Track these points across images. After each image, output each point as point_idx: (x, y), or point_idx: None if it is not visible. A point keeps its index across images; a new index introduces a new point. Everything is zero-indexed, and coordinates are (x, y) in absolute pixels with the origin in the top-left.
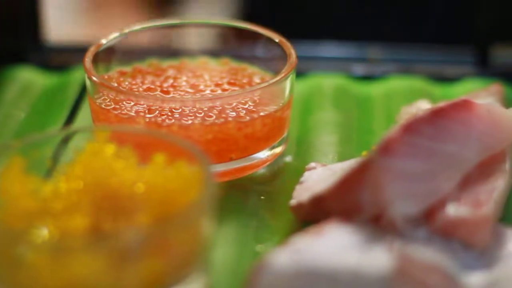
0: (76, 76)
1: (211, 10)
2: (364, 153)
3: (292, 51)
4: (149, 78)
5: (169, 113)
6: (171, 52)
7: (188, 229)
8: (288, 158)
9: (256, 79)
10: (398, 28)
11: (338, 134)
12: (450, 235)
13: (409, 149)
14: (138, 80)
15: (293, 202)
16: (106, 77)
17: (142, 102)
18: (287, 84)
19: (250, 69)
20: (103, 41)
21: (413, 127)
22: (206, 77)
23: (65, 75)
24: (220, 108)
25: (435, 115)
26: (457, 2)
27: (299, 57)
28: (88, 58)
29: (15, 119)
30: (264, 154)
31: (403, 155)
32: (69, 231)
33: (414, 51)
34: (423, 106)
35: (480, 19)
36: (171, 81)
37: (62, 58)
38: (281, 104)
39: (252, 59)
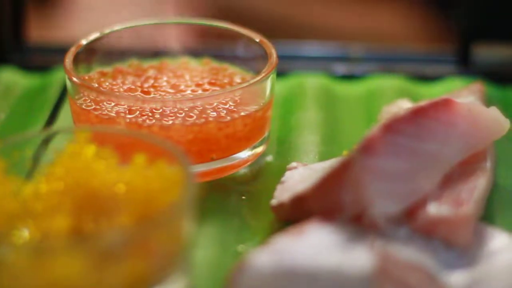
0: (57, 76)
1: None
2: (345, 152)
3: (272, 51)
4: (130, 79)
5: (150, 114)
6: (152, 52)
7: (169, 229)
8: (269, 158)
9: (237, 79)
10: (379, 27)
11: (319, 133)
12: (431, 234)
13: (390, 148)
14: (119, 81)
15: (274, 202)
16: (86, 77)
17: (122, 103)
18: (268, 84)
19: (231, 69)
20: (83, 41)
21: (394, 126)
22: (187, 77)
23: (46, 76)
24: (201, 108)
25: (416, 114)
26: (438, 1)
27: (280, 57)
28: (68, 59)
29: None
30: (245, 154)
31: (384, 154)
32: (50, 232)
33: (396, 50)
34: (404, 105)
35: (461, 18)
36: (151, 81)
37: (43, 59)
38: (262, 104)
39: (233, 59)
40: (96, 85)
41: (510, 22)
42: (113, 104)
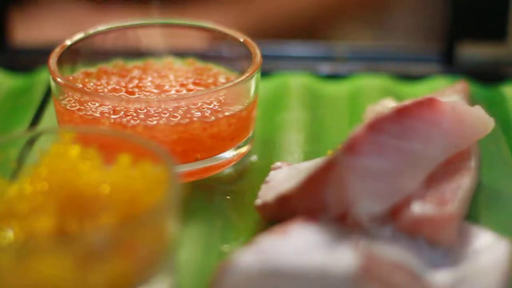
0: (42, 77)
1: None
2: (329, 152)
3: (257, 51)
4: (114, 79)
5: (134, 114)
6: (136, 53)
7: (154, 229)
8: (254, 158)
9: (222, 79)
10: (364, 26)
11: (304, 133)
12: (415, 234)
13: (374, 148)
14: (103, 81)
15: (258, 201)
16: (71, 78)
17: (107, 103)
18: (252, 83)
19: (216, 69)
20: (68, 42)
21: (378, 125)
22: (171, 77)
23: (30, 77)
24: (186, 108)
25: (400, 114)
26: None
27: (265, 57)
28: (52, 60)
29: None
30: (229, 154)
31: (368, 154)
32: (35, 233)
33: (380, 49)
34: (389, 104)
35: (446, 17)
36: (136, 81)
37: (27, 60)
38: (246, 104)
39: (217, 59)
40: (81, 86)
41: (494, 21)
42: (97, 104)
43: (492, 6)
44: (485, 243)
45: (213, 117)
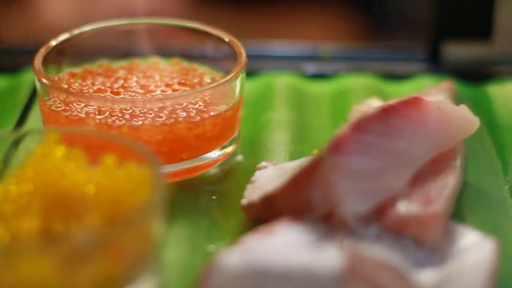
0: (27, 78)
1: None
2: (315, 151)
3: (242, 51)
4: (100, 79)
5: (120, 114)
6: (122, 53)
7: (139, 229)
8: (240, 158)
9: (207, 79)
10: (349, 26)
11: (289, 133)
12: (401, 233)
13: (359, 147)
14: (88, 82)
15: (244, 201)
16: (56, 78)
17: (92, 104)
18: (237, 83)
19: (201, 69)
20: (53, 42)
21: (363, 125)
22: (157, 77)
23: (16, 77)
24: (171, 108)
25: (385, 113)
26: None
27: (250, 56)
28: (37, 60)
29: None
30: (215, 154)
31: (353, 153)
32: (20, 234)
33: (366, 49)
34: (374, 104)
35: (431, 16)
36: (121, 82)
37: (12, 60)
38: (231, 104)
39: (202, 59)
40: (66, 86)
41: (479, 20)
42: (82, 105)
43: (478, 5)
44: (471, 242)
45: (198, 117)
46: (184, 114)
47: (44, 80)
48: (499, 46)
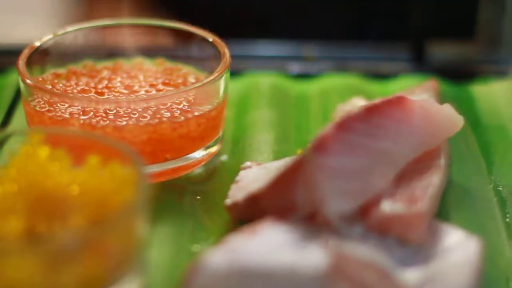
0: (11, 79)
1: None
2: (299, 151)
3: (226, 51)
4: (84, 80)
5: (104, 115)
6: (106, 53)
7: (123, 230)
8: (224, 158)
9: (191, 79)
10: (333, 26)
11: (274, 132)
12: (385, 232)
13: (343, 147)
14: (73, 82)
15: (228, 201)
16: (40, 79)
17: (76, 104)
18: (221, 83)
19: (185, 69)
20: (37, 43)
21: (347, 124)
22: (141, 77)
23: (0, 78)
24: (155, 108)
25: (369, 112)
26: None
27: (234, 56)
28: (21, 61)
29: None
30: (199, 154)
31: (337, 153)
32: (4, 235)
33: (350, 48)
34: (359, 103)
35: (416, 16)
36: (105, 82)
37: None
38: (215, 104)
39: (187, 59)
40: (50, 87)
41: (463, 19)
42: (66, 105)
43: (461, 5)
44: (455, 241)
45: (182, 117)
46: (168, 114)
47: (28, 81)
48: (482, 46)
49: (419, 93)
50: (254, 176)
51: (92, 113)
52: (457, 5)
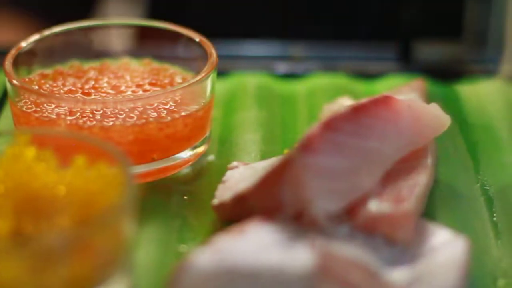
0: None
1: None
2: (286, 151)
3: (212, 51)
4: (70, 80)
5: (90, 115)
6: (93, 54)
7: (110, 230)
8: (211, 158)
9: (178, 79)
10: (320, 25)
11: (261, 132)
12: (372, 231)
13: (329, 146)
14: (59, 83)
15: (215, 201)
16: (27, 80)
17: (63, 105)
18: (208, 83)
19: (172, 69)
20: (23, 44)
21: (333, 124)
22: (128, 78)
23: None
24: (142, 109)
25: (356, 112)
26: None
27: (221, 56)
28: (8, 62)
29: None
30: (186, 154)
31: (324, 152)
32: None
33: (337, 48)
34: (345, 103)
35: (402, 15)
36: (92, 82)
37: None
38: (202, 104)
39: (173, 59)
40: (37, 87)
41: (450, 19)
42: (53, 106)
43: (448, 4)
44: (442, 240)
45: (169, 117)
46: (155, 114)
47: (14, 82)
48: (469, 45)
49: (406, 93)
50: (241, 176)
51: (79, 113)
52: (444, 5)
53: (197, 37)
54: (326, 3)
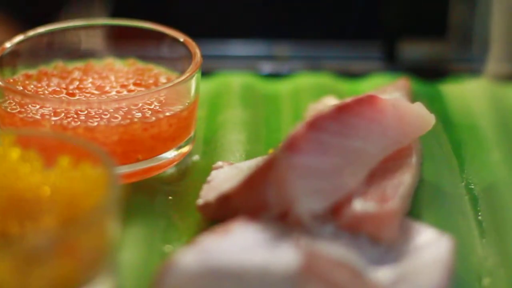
0: None
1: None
2: (271, 151)
3: (197, 51)
4: (55, 81)
5: (75, 115)
6: (77, 54)
7: (95, 231)
8: (196, 158)
9: (162, 79)
10: (304, 25)
11: (246, 132)
12: (357, 231)
13: (314, 146)
14: (44, 83)
15: (200, 201)
16: (11, 80)
17: (47, 105)
18: (193, 83)
19: (156, 69)
20: (7, 44)
21: (318, 123)
22: (112, 78)
23: None
24: (126, 109)
25: (340, 111)
26: None
27: (206, 56)
28: None
29: None
30: (171, 154)
31: (308, 152)
32: None
33: (321, 47)
34: (330, 102)
35: (387, 14)
36: (76, 83)
37: None
38: (187, 104)
39: (158, 59)
40: (21, 88)
41: (435, 18)
42: (38, 106)
43: (432, 3)
44: (427, 239)
45: (153, 118)
46: (140, 114)
47: None
48: (454, 44)
49: (391, 92)
50: (225, 176)
51: (63, 114)
52: (429, 4)
53: (181, 37)
54: (310, 2)
